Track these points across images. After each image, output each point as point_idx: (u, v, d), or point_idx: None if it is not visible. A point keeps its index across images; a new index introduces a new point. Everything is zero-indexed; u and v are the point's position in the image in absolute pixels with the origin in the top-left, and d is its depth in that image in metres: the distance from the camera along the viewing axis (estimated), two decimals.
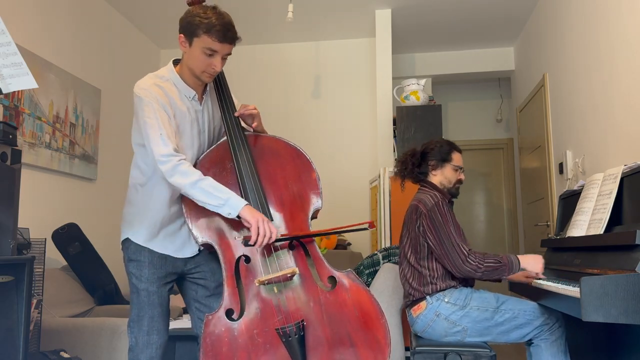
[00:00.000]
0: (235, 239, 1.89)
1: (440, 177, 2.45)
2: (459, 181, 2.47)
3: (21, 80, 1.96)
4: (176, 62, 1.94)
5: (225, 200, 1.76)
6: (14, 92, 2.75)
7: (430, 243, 2.27)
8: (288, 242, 1.90)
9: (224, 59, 1.84)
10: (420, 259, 2.32)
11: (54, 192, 3.66)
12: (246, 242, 1.80)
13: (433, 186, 2.43)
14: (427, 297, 2.27)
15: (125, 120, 4.62)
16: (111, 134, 4.41)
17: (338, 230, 1.96)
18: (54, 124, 3.64)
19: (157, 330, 1.88)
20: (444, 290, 2.27)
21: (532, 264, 2.21)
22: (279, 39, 5.25)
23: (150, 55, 5.19)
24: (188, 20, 1.80)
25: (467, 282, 2.35)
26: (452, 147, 2.48)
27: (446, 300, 2.24)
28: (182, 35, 1.82)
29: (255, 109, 1.98)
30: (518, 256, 2.22)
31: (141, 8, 4.52)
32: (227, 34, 1.78)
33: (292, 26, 4.95)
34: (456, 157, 2.47)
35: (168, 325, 1.95)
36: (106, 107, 4.33)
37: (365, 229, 1.88)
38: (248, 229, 1.80)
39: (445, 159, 2.45)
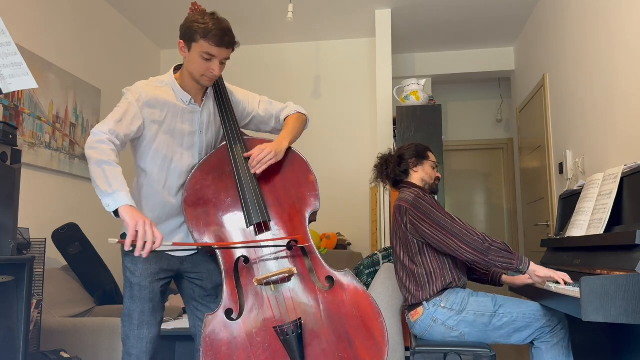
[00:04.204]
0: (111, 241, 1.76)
1: (422, 173, 2.50)
2: (437, 178, 2.54)
3: (21, 80, 1.97)
4: (178, 68, 2.00)
5: (113, 191, 1.67)
6: (14, 92, 2.75)
7: (425, 233, 2.24)
8: (286, 242, 1.90)
9: (222, 63, 1.89)
10: (413, 257, 2.31)
11: (54, 192, 3.66)
12: (122, 247, 1.68)
13: (412, 184, 2.47)
14: (424, 302, 2.26)
15: None
16: None
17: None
18: (54, 124, 3.64)
19: (148, 324, 1.91)
20: (440, 292, 2.26)
21: (536, 270, 2.09)
22: (279, 39, 5.25)
23: (150, 55, 5.19)
24: (187, 26, 1.86)
25: (461, 280, 2.33)
26: (426, 146, 2.58)
27: (442, 305, 2.23)
28: (181, 41, 1.89)
29: (269, 153, 1.92)
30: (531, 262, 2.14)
31: (141, 8, 4.52)
32: (223, 38, 1.83)
33: (292, 26, 4.95)
34: (431, 155, 2.55)
35: (160, 319, 1.97)
36: (106, 107, 4.33)
37: None
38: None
39: (423, 157, 2.51)
